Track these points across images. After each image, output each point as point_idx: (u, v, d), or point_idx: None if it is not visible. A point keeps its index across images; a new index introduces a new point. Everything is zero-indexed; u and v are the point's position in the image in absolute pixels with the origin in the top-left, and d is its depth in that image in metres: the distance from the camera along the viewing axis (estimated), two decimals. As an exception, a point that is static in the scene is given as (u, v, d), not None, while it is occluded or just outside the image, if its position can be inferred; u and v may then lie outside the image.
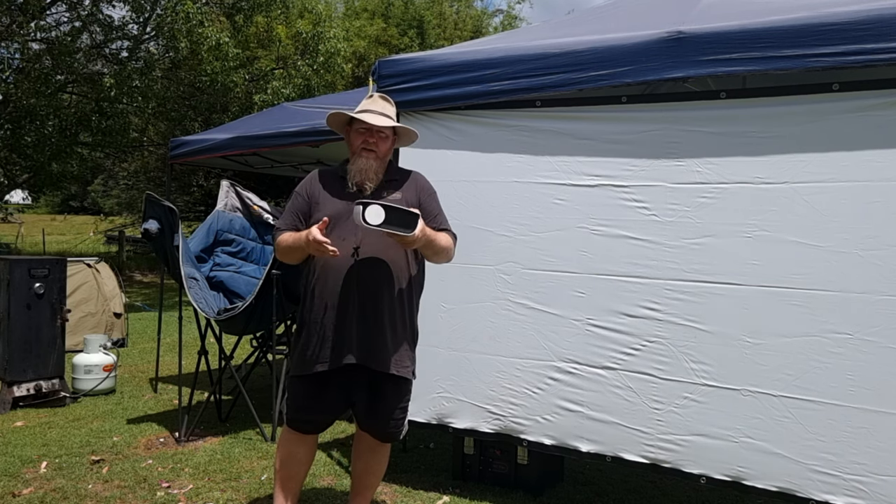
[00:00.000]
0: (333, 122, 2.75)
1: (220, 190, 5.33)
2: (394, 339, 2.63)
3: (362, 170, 2.62)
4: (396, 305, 2.64)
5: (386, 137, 2.66)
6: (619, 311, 2.99)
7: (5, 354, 4.88)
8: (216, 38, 11.40)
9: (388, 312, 2.61)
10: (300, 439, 2.74)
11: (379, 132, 2.63)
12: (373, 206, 2.35)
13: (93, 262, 7.61)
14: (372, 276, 2.59)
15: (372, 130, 2.62)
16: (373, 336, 2.59)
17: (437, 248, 2.62)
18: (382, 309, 2.60)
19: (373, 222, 2.35)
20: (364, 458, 2.84)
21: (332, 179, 2.73)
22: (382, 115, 2.64)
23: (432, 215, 2.71)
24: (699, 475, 2.85)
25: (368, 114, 2.63)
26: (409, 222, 2.40)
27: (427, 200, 2.74)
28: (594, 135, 3.07)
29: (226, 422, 4.76)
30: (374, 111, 2.65)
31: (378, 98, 2.75)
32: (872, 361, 2.55)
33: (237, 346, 4.86)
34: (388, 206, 2.38)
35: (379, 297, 2.59)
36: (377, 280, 2.59)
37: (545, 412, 3.16)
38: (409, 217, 2.41)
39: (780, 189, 2.71)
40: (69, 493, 3.41)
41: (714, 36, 2.75)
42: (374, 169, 2.63)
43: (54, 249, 18.60)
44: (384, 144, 2.66)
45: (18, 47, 11.70)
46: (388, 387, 2.67)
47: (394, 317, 2.63)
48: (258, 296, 4.24)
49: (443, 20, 19.12)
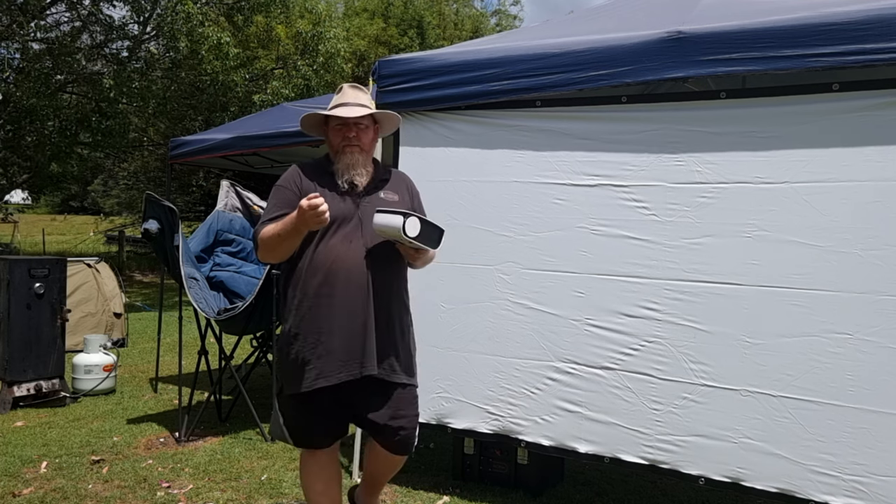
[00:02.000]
0: (308, 126, 2.60)
1: (220, 190, 5.34)
2: (403, 345, 2.51)
3: (349, 165, 2.45)
4: (403, 311, 2.54)
5: (366, 128, 2.50)
6: (618, 311, 2.99)
7: (5, 354, 4.88)
8: (216, 38, 11.40)
9: (398, 319, 2.50)
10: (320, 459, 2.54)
11: (356, 124, 2.46)
12: (412, 218, 2.26)
13: (93, 262, 7.61)
14: (383, 282, 2.43)
15: (349, 124, 2.45)
16: (387, 344, 2.44)
17: (428, 258, 2.53)
18: (393, 315, 2.47)
19: (411, 234, 2.25)
20: (380, 465, 2.64)
21: (321, 174, 2.51)
22: (357, 105, 2.46)
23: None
24: (698, 476, 2.84)
25: (341, 108, 2.45)
26: (438, 237, 2.37)
27: (418, 205, 2.64)
28: (594, 134, 3.07)
29: (226, 422, 4.76)
30: (347, 104, 2.47)
31: (348, 88, 2.55)
32: (872, 361, 2.55)
33: (237, 346, 4.86)
34: (423, 219, 2.30)
35: (389, 302, 2.46)
36: (387, 285, 2.45)
37: (544, 412, 3.16)
38: (439, 232, 2.37)
39: (780, 189, 2.71)
40: (69, 493, 3.41)
41: (714, 36, 2.75)
42: (360, 163, 2.47)
43: (54, 249, 18.60)
44: (366, 136, 2.50)
45: (18, 47, 11.70)
46: (399, 396, 2.48)
47: (402, 323, 2.52)
48: (258, 296, 4.24)
49: (442, 20, 19.13)
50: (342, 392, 2.43)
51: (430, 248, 2.36)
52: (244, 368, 5.32)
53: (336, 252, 2.38)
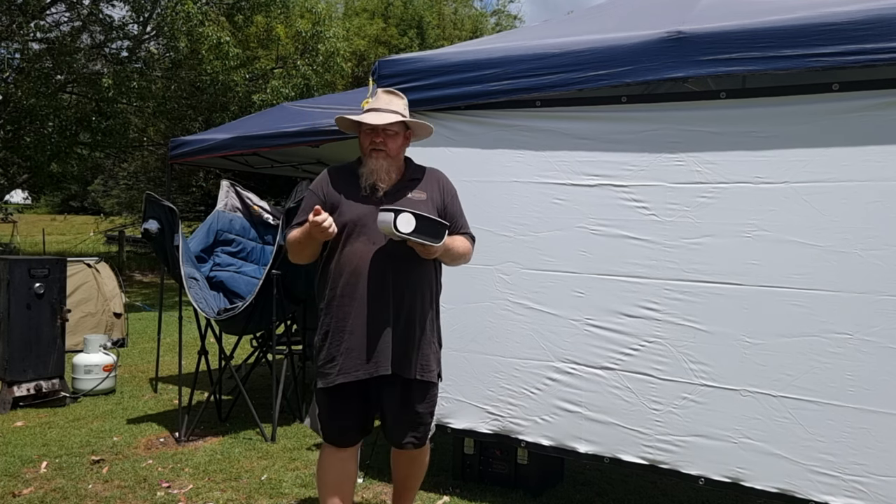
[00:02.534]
0: (344, 126, 2.70)
1: (220, 190, 5.34)
2: (424, 343, 2.58)
3: (373, 171, 2.54)
4: (428, 310, 2.60)
5: (395, 134, 2.57)
6: (618, 311, 2.99)
7: (5, 354, 4.88)
8: (216, 38, 11.39)
9: (420, 317, 2.56)
10: (339, 455, 2.64)
11: (385, 130, 2.54)
12: (404, 214, 2.29)
13: (93, 262, 7.61)
14: (404, 281, 2.52)
15: (377, 129, 2.54)
16: (406, 343, 2.53)
17: (455, 255, 2.60)
18: (415, 314, 2.54)
19: (403, 230, 2.29)
20: (404, 468, 2.78)
21: (347, 178, 2.62)
22: (389, 111, 2.55)
23: (454, 218, 2.67)
24: (697, 476, 2.84)
25: (371, 113, 2.55)
26: (438, 232, 2.39)
27: (451, 203, 2.69)
28: (594, 134, 3.07)
29: (226, 422, 4.76)
30: (379, 109, 2.56)
31: (382, 94, 2.64)
32: (872, 361, 2.55)
33: (237, 346, 4.86)
34: (419, 214, 2.33)
35: (412, 302, 2.54)
36: (409, 285, 2.53)
37: (543, 413, 3.16)
38: (439, 227, 2.39)
39: (780, 189, 2.71)
40: (69, 493, 3.41)
41: (714, 36, 2.75)
42: (385, 169, 2.55)
43: (54, 249, 18.61)
44: (394, 142, 2.56)
45: (18, 47, 11.70)
46: (417, 392, 2.59)
47: (424, 322, 2.58)
48: (258, 296, 4.24)
49: (442, 20, 19.13)
50: (368, 388, 2.55)
51: (434, 244, 2.39)
52: (244, 368, 5.32)
53: (359, 254, 2.51)
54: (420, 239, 2.35)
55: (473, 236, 2.76)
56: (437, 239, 2.39)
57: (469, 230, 2.74)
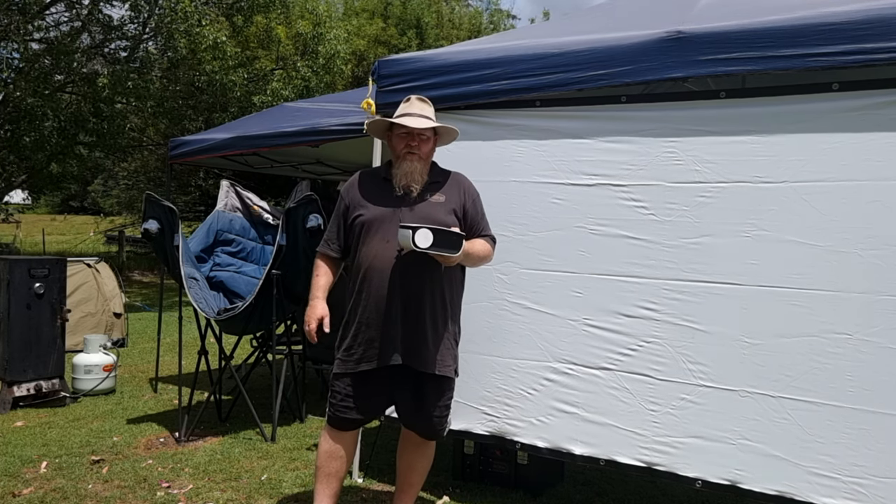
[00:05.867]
0: (374, 128, 2.88)
1: (220, 190, 5.33)
2: (435, 338, 2.69)
3: (407, 173, 2.71)
4: (438, 305, 2.70)
5: (427, 139, 2.76)
6: (616, 311, 2.99)
7: (5, 354, 4.88)
8: (213, 37, 11.38)
9: (430, 312, 2.68)
10: (340, 436, 2.80)
11: (419, 134, 2.72)
12: (422, 230, 2.47)
13: (93, 262, 7.61)
14: (415, 277, 2.66)
15: (413, 133, 2.71)
16: (416, 336, 2.66)
17: (475, 259, 2.76)
18: (425, 309, 2.66)
19: (422, 245, 2.47)
20: (408, 455, 2.91)
21: (374, 181, 2.82)
22: (422, 116, 2.74)
23: (475, 221, 2.84)
24: (695, 478, 2.83)
25: (408, 117, 2.72)
26: (455, 243, 2.54)
27: (471, 206, 2.84)
28: (593, 134, 3.07)
29: (226, 422, 4.76)
30: (413, 114, 2.74)
31: (416, 101, 2.83)
32: (872, 362, 2.54)
33: (237, 346, 4.86)
34: (435, 229, 2.50)
35: (421, 297, 2.66)
36: (420, 281, 2.66)
37: (540, 414, 3.15)
38: (456, 238, 2.54)
39: (780, 189, 2.71)
40: (69, 493, 3.41)
41: (713, 36, 2.75)
42: (418, 171, 2.73)
43: (54, 249, 18.61)
44: (426, 146, 2.76)
45: (18, 47, 11.69)
46: (430, 385, 2.73)
47: (435, 316, 2.69)
48: (258, 296, 4.24)
49: (440, 20, 19.13)
50: (381, 376, 2.71)
51: (452, 254, 2.54)
52: (244, 368, 5.32)
53: (374, 251, 2.69)
54: (438, 251, 2.51)
55: (494, 238, 2.89)
56: (455, 250, 2.54)
57: (490, 232, 2.88)
